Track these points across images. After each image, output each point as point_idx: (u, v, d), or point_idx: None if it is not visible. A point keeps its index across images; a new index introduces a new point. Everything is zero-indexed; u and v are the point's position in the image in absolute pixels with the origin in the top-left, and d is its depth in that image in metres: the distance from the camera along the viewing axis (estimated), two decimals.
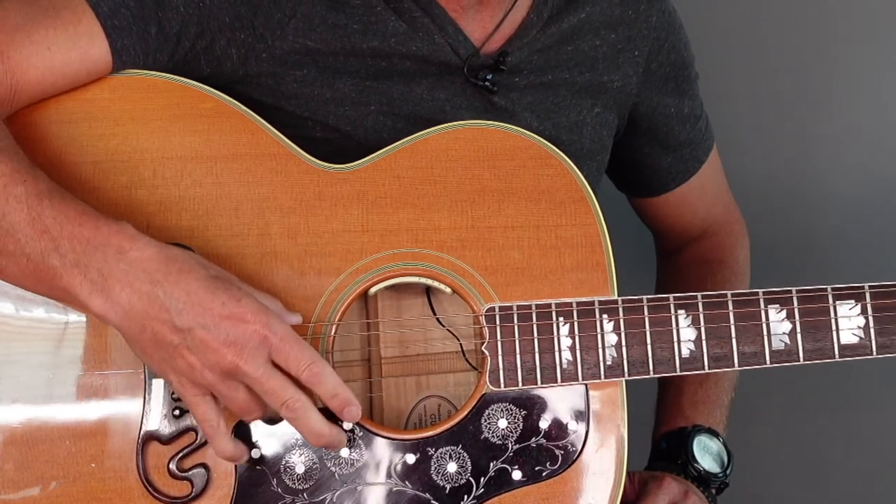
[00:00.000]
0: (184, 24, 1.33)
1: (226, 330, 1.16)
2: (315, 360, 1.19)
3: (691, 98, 1.64)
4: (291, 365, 1.19)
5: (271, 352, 1.18)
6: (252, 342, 1.17)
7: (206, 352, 1.17)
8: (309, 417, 1.20)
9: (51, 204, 1.18)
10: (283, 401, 1.19)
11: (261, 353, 1.17)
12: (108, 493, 1.25)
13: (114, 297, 1.17)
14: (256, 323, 1.17)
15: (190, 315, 1.16)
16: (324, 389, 1.20)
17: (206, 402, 1.21)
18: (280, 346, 1.18)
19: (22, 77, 1.27)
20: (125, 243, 1.17)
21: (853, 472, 2.11)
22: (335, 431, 1.23)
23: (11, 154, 1.20)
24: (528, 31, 1.46)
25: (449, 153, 1.32)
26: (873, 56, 2.00)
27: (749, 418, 1.74)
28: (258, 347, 1.17)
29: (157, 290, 1.16)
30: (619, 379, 1.28)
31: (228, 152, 1.30)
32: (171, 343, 1.17)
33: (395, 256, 1.29)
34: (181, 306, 1.16)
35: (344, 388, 1.21)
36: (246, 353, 1.17)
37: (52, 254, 1.17)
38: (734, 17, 2.01)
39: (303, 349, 1.19)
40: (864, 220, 2.02)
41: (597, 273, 1.30)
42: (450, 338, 1.38)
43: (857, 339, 1.29)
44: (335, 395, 1.21)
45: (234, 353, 1.17)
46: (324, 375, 1.20)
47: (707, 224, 1.76)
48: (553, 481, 1.27)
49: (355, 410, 1.22)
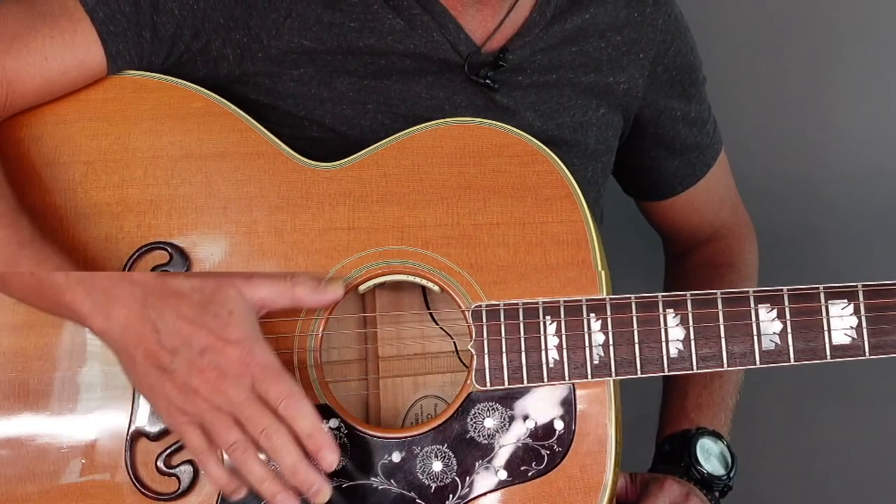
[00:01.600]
0: (178, 26, 1.34)
1: (210, 356, 1.16)
2: (293, 395, 1.17)
3: (698, 102, 1.62)
4: (271, 396, 1.17)
5: (254, 381, 1.17)
6: (234, 369, 1.16)
7: (191, 375, 1.16)
8: (286, 451, 1.17)
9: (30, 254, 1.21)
10: (261, 428, 1.16)
11: (243, 381, 1.16)
12: (98, 489, 1.26)
13: (113, 316, 1.18)
14: (240, 351, 1.17)
15: (178, 338, 1.16)
16: (299, 426, 1.17)
17: (194, 430, 1.19)
18: (261, 376, 1.17)
19: (19, 86, 1.28)
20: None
21: (857, 476, 2.08)
22: (312, 474, 1.17)
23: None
24: (531, 31, 1.45)
25: (435, 150, 1.32)
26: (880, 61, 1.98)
27: (753, 421, 1.72)
28: (240, 375, 1.16)
29: (151, 312, 1.17)
30: (607, 378, 1.27)
31: (217, 151, 1.31)
32: (160, 365, 1.17)
33: (382, 254, 1.29)
34: (170, 328, 1.17)
35: (321, 431, 1.17)
36: (228, 380, 1.16)
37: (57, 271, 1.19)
38: (741, 21, 2.00)
39: (283, 381, 1.17)
40: (859, 220, 2.00)
41: (583, 270, 1.29)
42: (446, 337, 1.38)
43: (849, 339, 1.26)
44: (310, 434, 1.17)
45: (217, 377, 1.16)
46: (300, 411, 1.17)
47: (715, 227, 1.74)
48: (539, 481, 1.26)
49: (330, 457, 1.17)
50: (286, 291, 1.22)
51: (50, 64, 1.29)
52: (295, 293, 1.23)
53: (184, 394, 1.17)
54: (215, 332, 1.17)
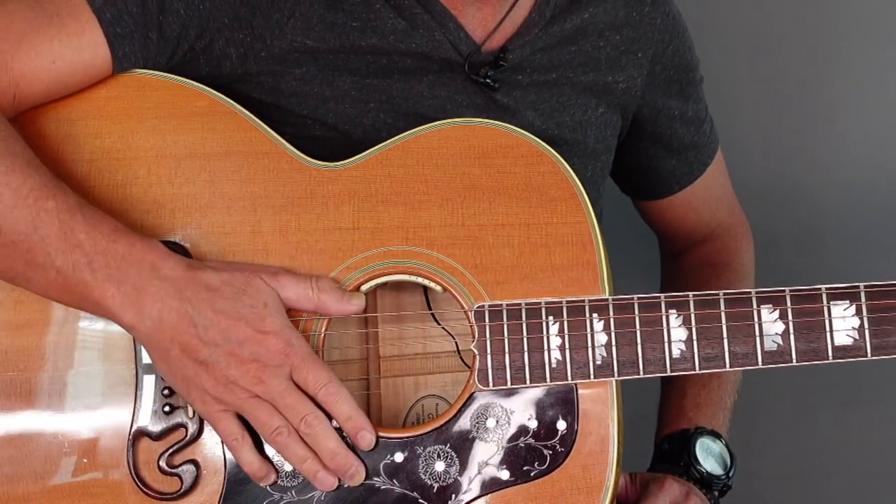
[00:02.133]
0: (184, 26, 1.34)
1: (250, 347, 1.19)
2: (332, 381, 1.22)
3: (696, 101, 1.63)
4: (310, 384, 1.22)
5: (292, 370, 1.21)
6: (274, 359, 1.20)
7: (230, 368, 1.19)
8: (326, 436, 1.22)
9: (83, 219, 1.20)
10: (302, 416, 1.21)
11: (282, 371, 1.21)
12: (100, 489, 1.26)
13: (146, 311, 1.19)
14: (280, 341, 1.20)
15: (216, 331, 1.19)
16: (339, 411, 1.23)
17: (229, 418, 1.22)
18: (300, 365, 1.21)
19: (26, 88, 1.28)
20: (158, 261, 1.20)
21: (856, 475, 2.09)
22: (351, 457, 1.24)
23: (37, 167, 1.22)
24: (531, 30, 1.46)
25: (440, 151, 1.32)
26: (878, 61, 1.99)
27: (753, 421, 1.73)
28: (280, 365, 1.20)
29: (187, 307, 1.19)
30: (609, 379, 1.27)
31: (222, 150, 1.31)
32: (198, 359, 1.20)
33: (386, 254, 1.29)
34: (208, 323, 1.19)
35: (359, 413, 1.23)
36: (269, 370, 1.20)
37: (84, 268, 1.19)
38: (738, 20, 2.00)
39: (321, 369, 1.22)
40: (861, 220, 2.01)
41: (587, 271, 1.29)
42: (447, 337, 1.38)
43: (851, 340, 1.27)
44: (349, 417, 1.23)
45: (258, 368, 1.20)
46: (339, 396, 1.22)
47: (712, 227, 1.75)
48: (541, 481, 1.26)
49: (369, 437, 1.24)
50: (311, 296, 1.25)
51: (57, 65, 1.29)
52: (320, 299, 1.25)
53: (223, 385, 1.20)
54: (253, 324, 1.20)
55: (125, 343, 1.27)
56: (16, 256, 1.20)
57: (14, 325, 1.27)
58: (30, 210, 1.19)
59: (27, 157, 1.22)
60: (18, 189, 1.19)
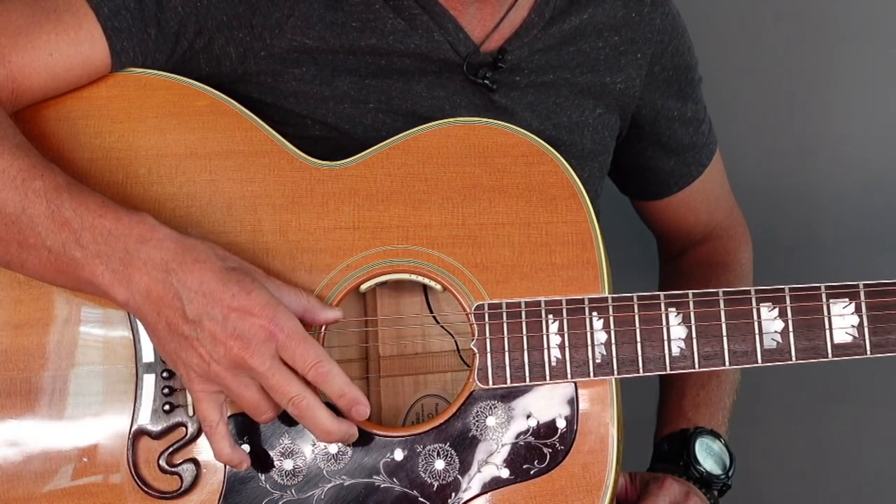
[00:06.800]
0: (182, 23, 1.34)
1: (233, 322, 1.17)
2: (322, 359, 1.19)
3: (694, 101, 1.63)
4: (298, 362, 1.19)
5: (278, 348, 1.18)
6: (258, 336, 1.17)
7: (214, 344, 1.17)
8: (316, 415, 1.20)
9: (70, 196, 1.19)
10: (289, 397, 1.19)
11: (267, 348, 1.17)
12: (99, 488, 1.26)
13: (133, 285, 1.18)
14: (263, 318, 1.17)
15: (199, 305, 1.17)
16: (331, 389, 1.21)
17: (210, 400, 1.21)
18: (286, 343, 1.18)
19: (24, 82, 1.28)
20: (146, 233, 1.19)
21: (855, 474, 2.09)
22: (344, 426, 1.22)
23: (27, 150, 1.22)
24: (529, 31, 1.46)
25: (440, 150, 1.32)
26: (875, 61, 1.99)
27: (751, 420, 1.73)
28: (265, 342, 1.17)
29: (171, 279, 1.17)
30: (609, 377, 1.27)
31: (222, 150, 1.31)
32: (182, 333, 1.18)
33: (386, 253, 1.29)
34: (192, 295, 1.17)
35: (351, 387, 1.21)
36: (252, 347, 1.17)
37: (73, 245, 1.19)
38: (738, 20, 2.00)
39: (309, 347, 1.19)
40: (860, 220, 2.01)
41: (587, 270, 1.29)
42: (447, 336, 1.38)
43: (850, 338, 1.27)
44: (342, 394, 1.21)
45: (241, 346, 1.17)
46: (331, 374, 1.20)
47: (710, 228, 1.75)
48: (541, 480, 1.26)
49: (363, 409, 1.22)
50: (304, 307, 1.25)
51: (55, 60, 1.29)
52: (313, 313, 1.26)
53: (206, 362, 1.18)
54: (238, 297, 1.17)
55: (125, 342, 1.27)
56: (9, 239, 1.20)
57: (14, 325, 1.27)
58: (18, 191, 1.19)
59: (17, 140, 1.22)
60: (6, 171, 1.19)
